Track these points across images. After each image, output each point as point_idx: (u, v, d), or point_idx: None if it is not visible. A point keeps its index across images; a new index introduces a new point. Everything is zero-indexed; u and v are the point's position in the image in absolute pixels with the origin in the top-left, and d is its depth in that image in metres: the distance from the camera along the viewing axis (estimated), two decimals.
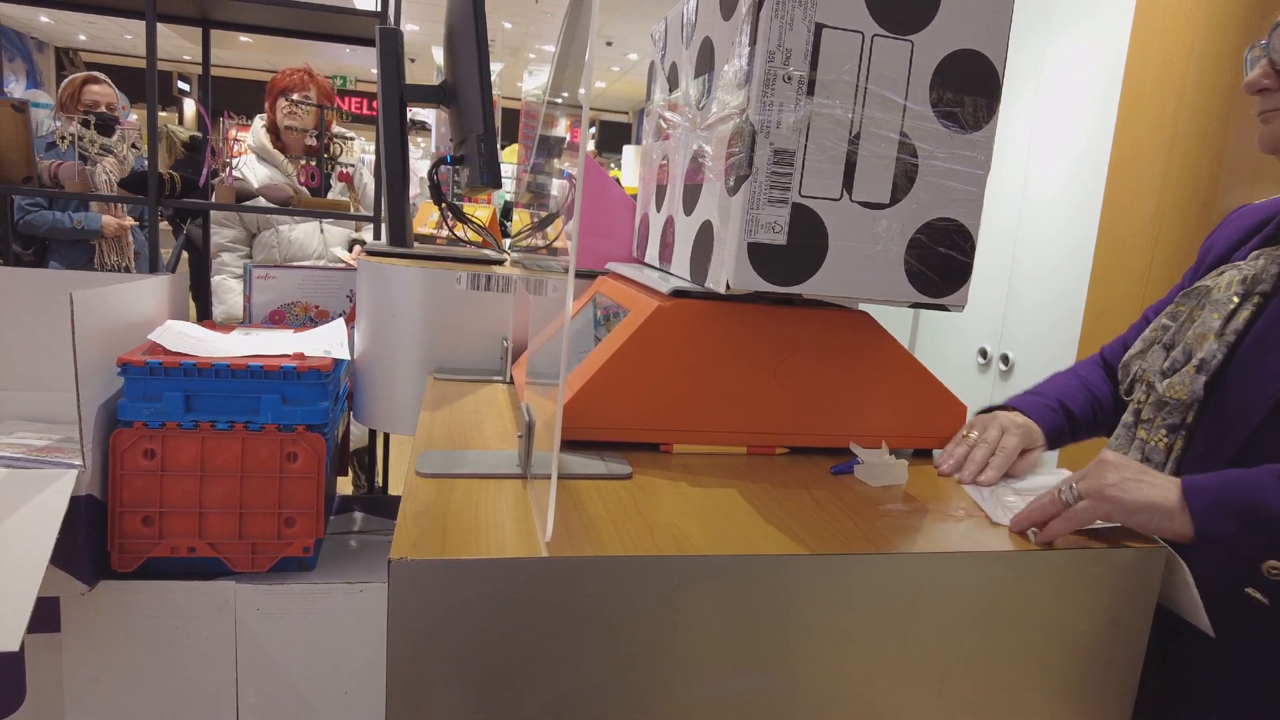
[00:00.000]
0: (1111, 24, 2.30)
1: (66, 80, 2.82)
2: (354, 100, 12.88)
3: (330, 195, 2.52)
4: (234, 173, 2.43)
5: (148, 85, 1.63)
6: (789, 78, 0.70)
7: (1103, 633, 0.68)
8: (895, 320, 2.89)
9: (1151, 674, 0.72)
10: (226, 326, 1.51)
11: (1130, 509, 0.67)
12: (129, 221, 3.02)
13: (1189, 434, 0.82)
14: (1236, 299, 0.82)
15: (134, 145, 2.54)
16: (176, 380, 1.18)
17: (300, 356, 1.27)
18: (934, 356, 2.95)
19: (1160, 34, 1.98)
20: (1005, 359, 2.49)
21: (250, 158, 2.50)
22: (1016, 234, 2.57)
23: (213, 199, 1.85)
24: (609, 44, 9.51)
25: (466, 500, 0.65)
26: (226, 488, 1.19)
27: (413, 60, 11.29)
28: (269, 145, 2.47)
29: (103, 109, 2.81)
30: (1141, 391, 0.87)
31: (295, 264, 2.35)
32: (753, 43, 0.70)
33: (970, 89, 0.74)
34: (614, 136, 14.40)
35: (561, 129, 1.56)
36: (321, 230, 2.50)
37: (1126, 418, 0.89)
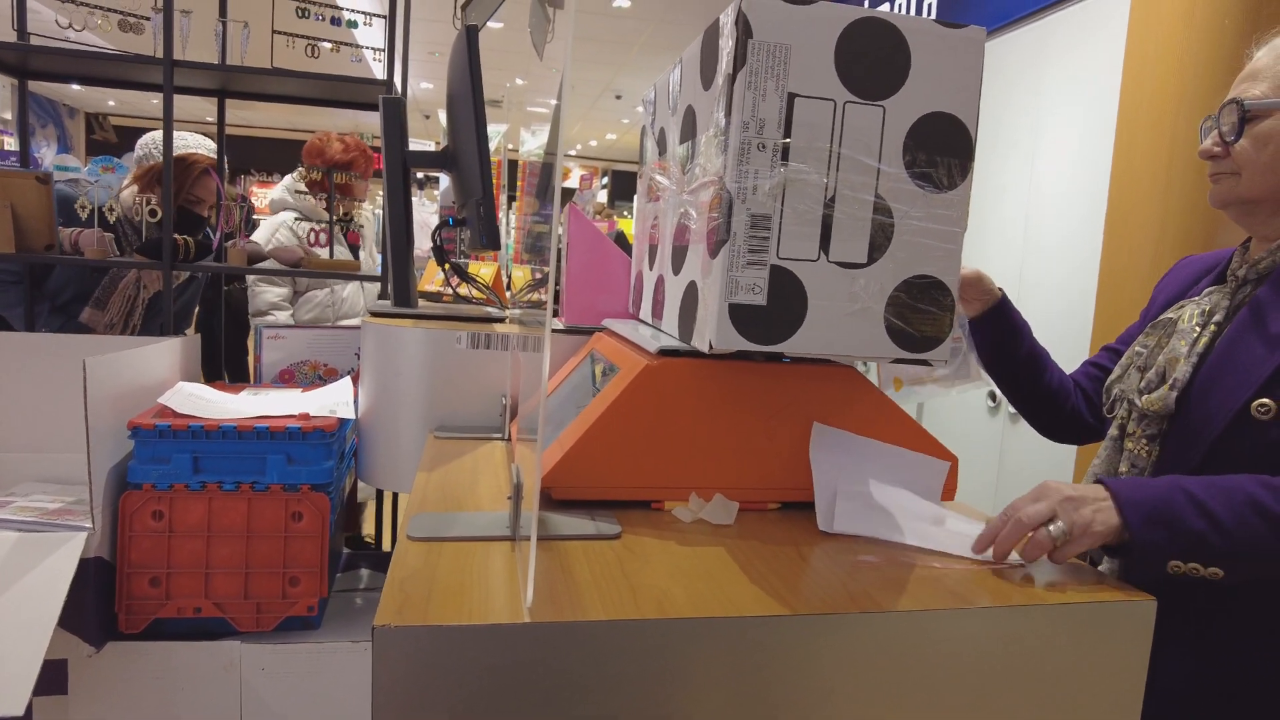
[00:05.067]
0: (1102, 73, 2.34)
1: (188, 164, 2.27)
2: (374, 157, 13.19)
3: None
4: (277, 235, 2.53)
5: (164, 156, 1.69)
6: (763, 145, 0.73)
7: (1097, 685, 0.67)
8: None
9: None
10: (235, 387, 1.54)
11: (1103, 536, 0.76)
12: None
13: (1163, 442, 0.96)
14: (1198, 328, 0.96)
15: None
16: (185, 442, 1.21)
17: (305, 417, 1.29)
18: (944, 404, 2.94)
19: (1150, 79, 2.01)
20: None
21: (289, 215, 2.60)
22: (1020, 280, 2.58)
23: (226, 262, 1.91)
24: (618, 97, 9.73)
25: (455, 564, 0.66)
26: (232, 548, 1.21)
27: (427, 117, 11.59)
28: (313, 203, 2.58)
29: (205, 209, 2.37)
30: (1123, 409, 1.01)
31: (309, 324, 2.42)
32: (728, 113, 0.73)
33: (943, 150, 0.76)
34: (626, 186, 14.62)
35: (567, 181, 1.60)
36: (362, 288, 2.61)
37: (1113, 432, 1.02)
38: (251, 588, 1.22)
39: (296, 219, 2.60)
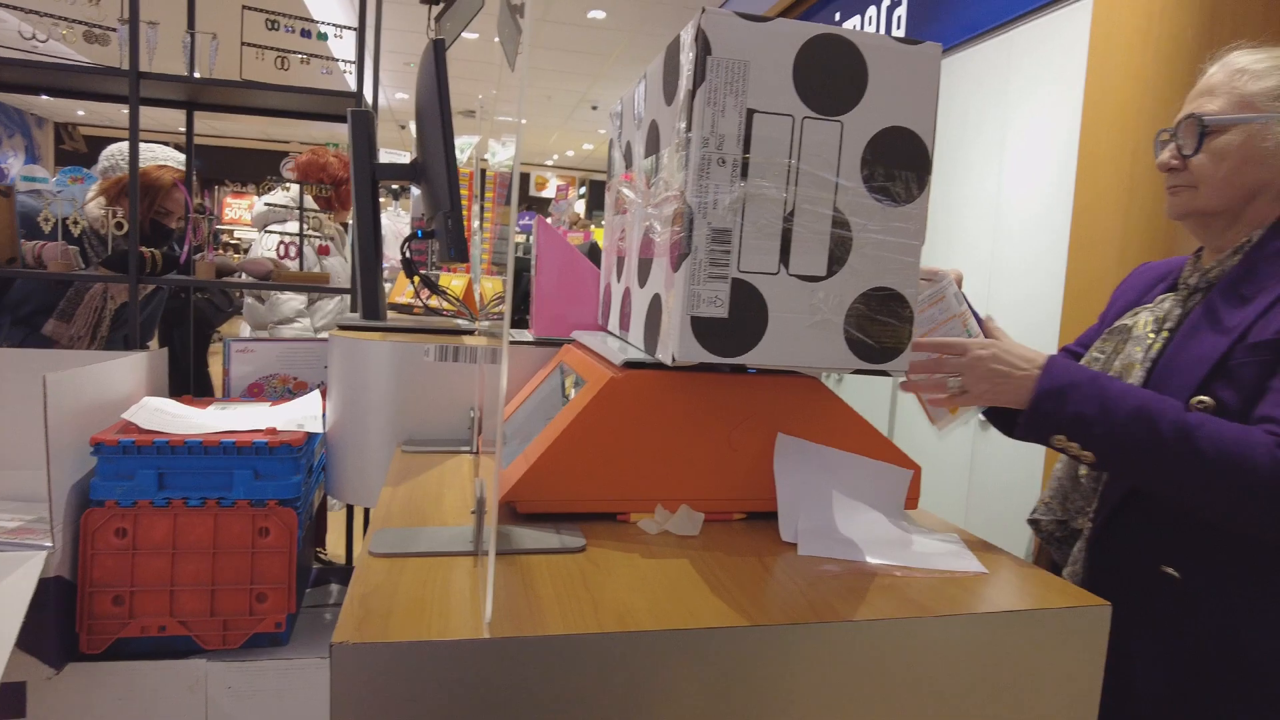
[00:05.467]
0: (1066, 84, 2.39)
1: (154, 177, 2.25)
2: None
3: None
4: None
5: (130, 169, 1.68)
6: (723, 161, 0.73)
7: (1055, 690, 0.68)
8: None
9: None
10: (203, 402, 1.53)
11: (1007, 403, 0.91)
12: None
13: None
14: (1152, 335, 1.01)
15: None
16: (149, 458, 1.20)
17: (273, 431, 1.28)
18: (914, 412, 2.97)
19: (1112, 91, 2.05)
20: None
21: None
22: (988, 288, 2.61)
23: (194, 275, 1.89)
24: (594, 108, 9.75)
25: (417, 580, 0.66)
26: (198, 564, 1.19)
27: (403, 128, 11.54)
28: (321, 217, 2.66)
29: (174, 221, 2.36)
30: None
31: (275, 337, 2.41)
32: (689, 129, 0.74)
33: (900, 164, 0.77)
34: (604, 196, 14.64)
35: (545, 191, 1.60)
36: None
37: None
38: (218, 605, 1.20)
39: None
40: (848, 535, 0.80)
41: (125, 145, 2.25)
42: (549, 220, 7.45)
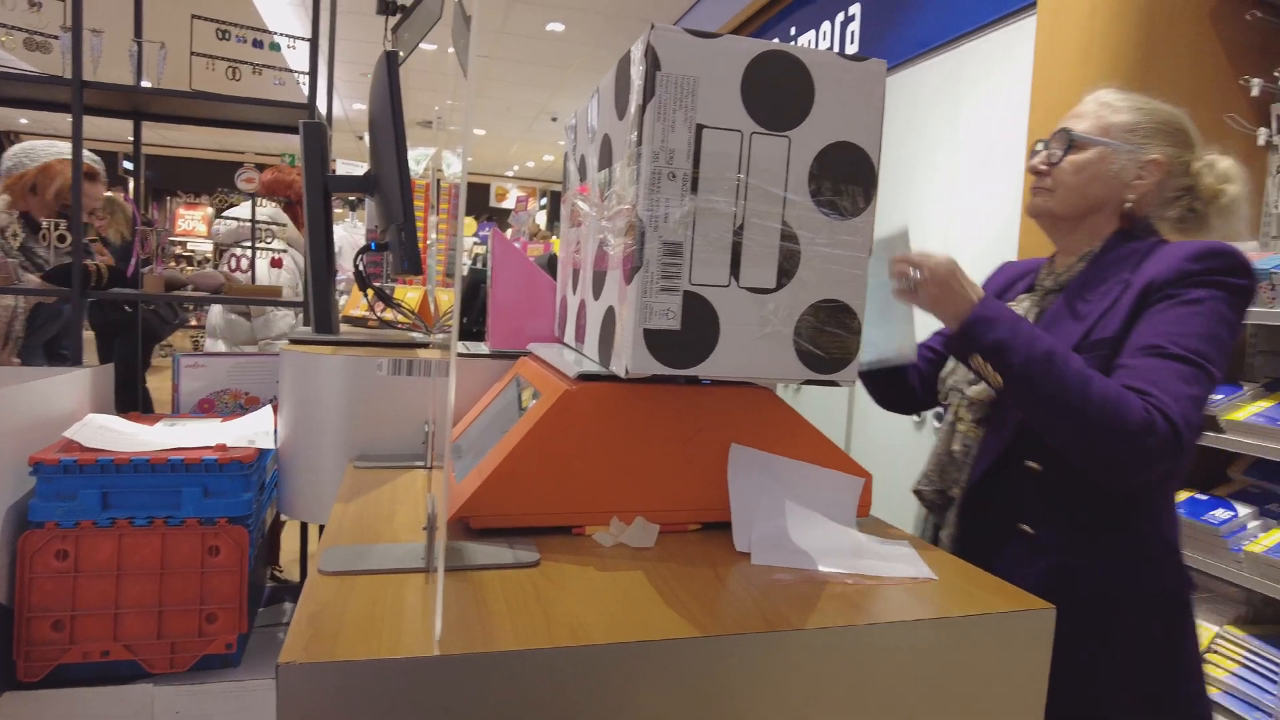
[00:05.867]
0: (1013, 98, 2.45)
1: (56, 170, 2.24)
2: None
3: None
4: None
5: (73, 181, 1.64)
6: (674, 175, 0.74)
7: (1003, 692, 0.70)
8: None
9: None
10: (150, 418, 1.49)
11: (942, 318, 1.02)
12: None
13: (986, 424, 1.16)
14: None
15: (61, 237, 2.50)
16: (93, 477, 1.16)
17: (223, 448, 1.26)
18: (869, 419, 3.01)
19: (1055, 107, 2.11)
20: (939, 417, 2.55)
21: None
22: None
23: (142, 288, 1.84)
24: (554, 119, 9.75)
25: (367, 598, 0.65)
26: (144, 586, 1.16)
27: (360, 138, 11.41)
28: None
29: (94, 219, 2.38)
30: (957, 398, 1.20)
31: (226, 352, 2.37)
32: (639, 143, 0.75)
33: (847, 178, 0.79)
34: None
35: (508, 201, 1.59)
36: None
37: (949, 418, 1.22)
38: (165, 627, 1.17)
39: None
40: (800, 544, 0.81)
41: (32, 144, 2.21)
42: (509, 231, 7.42)
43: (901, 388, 1.33)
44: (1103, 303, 1.08)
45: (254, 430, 1.42)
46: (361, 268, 1.32)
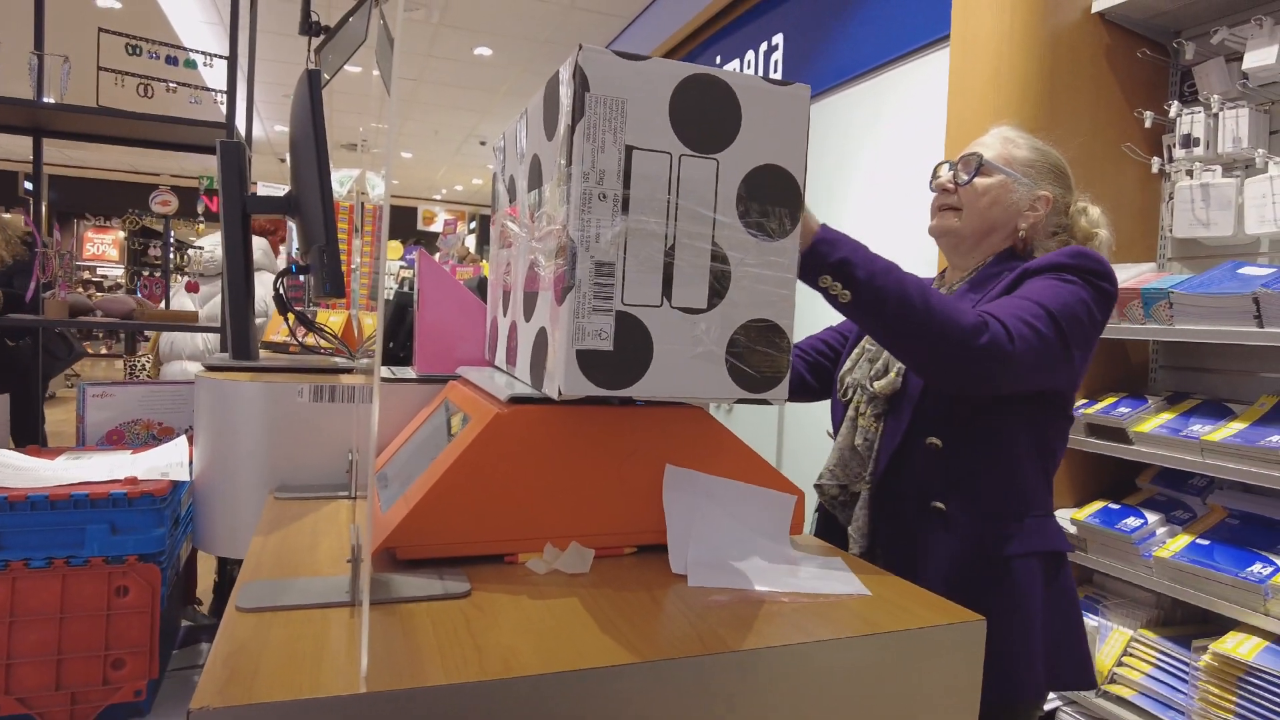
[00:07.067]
0: (931, 123, 2.54)
1: None
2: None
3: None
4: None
5: None
6: (604, 195, 0.74)
7: (937, 704, 0.71)
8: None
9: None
10: (53, 452, 1.41)
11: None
12: None
13: (885, 418, 1.22)
14: None
15: None
16: None
17: (133, 481, 1.19)
18: (803, 437, 3.06)
19: (969, 131, 2.20)
20: None
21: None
22: None
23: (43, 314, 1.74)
24: (482, 143, 9.71)
25: (288, 635, 0.62)
26: (41, 633, 1.09)
27: (283, 160, 11.14)
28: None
29: None
30: (858, 394, 1.26)
31: (136, 381, 2.25)
32: (569, 163, 0.74)
33: (774, 200, 0.80)
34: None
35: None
36: None
37: (850, 413, 1.27)
38: (65, 676, 1.10)
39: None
40: (736, 564, 0.81)
41: None
42: (437, 255, 7.31)
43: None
44: (990, 290, 1.19)
45: (167, 461, 1.35)
46: (282, 291, 1.28)
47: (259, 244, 3.89)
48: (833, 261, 0.97)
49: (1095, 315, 1.12)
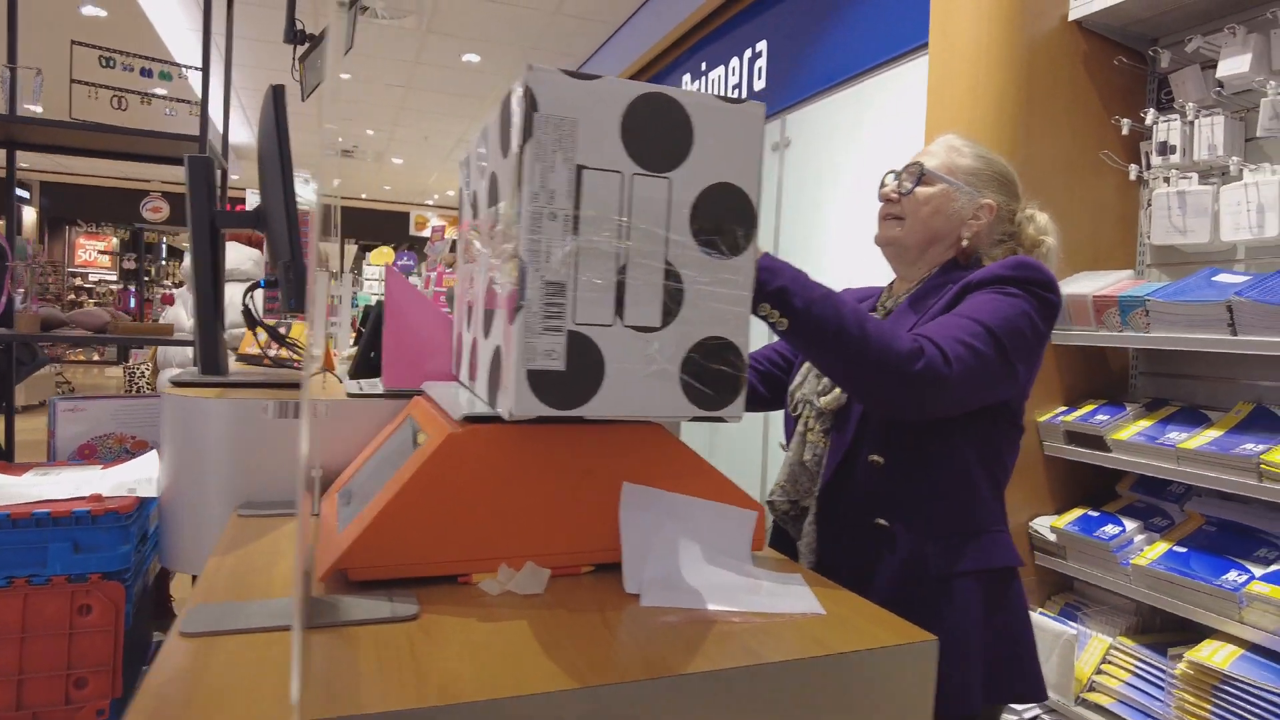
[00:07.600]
0: (910, 131, 2.55)
1: None
2: None
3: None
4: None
5: None
6: (554, 215, 0.74)
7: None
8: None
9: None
10: (19, 468, 1.40)
11: None
12: None
13: (831, 432, 1.23)
14: None
15: None
16: None
17: (98, 498, 1.19)
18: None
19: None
20: None
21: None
22: None
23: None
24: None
25: (228, 662, 0.62)
26: (1, 653, 1.08)
27: None
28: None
29: None
30: (806, 409, 1.27)
31: (108, 395, 2.24)
32: (519, 183, 0.74)
33: (728, 218, 0.80)
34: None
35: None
36: None
37: (799, 429, 1.27)
38: (26, 696, 1.09)
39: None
40: (691, 583, 0.81)
41: None
42: (426, 260, 7.29)
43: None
44: (932, 307, 1.19)
45: (136, 477, 1.34)
46: (250, 305, 1.27)
47: (250, 255, 3.87)
48: (772, 289, 0.97)
49: (1039, 326, 1.12)
